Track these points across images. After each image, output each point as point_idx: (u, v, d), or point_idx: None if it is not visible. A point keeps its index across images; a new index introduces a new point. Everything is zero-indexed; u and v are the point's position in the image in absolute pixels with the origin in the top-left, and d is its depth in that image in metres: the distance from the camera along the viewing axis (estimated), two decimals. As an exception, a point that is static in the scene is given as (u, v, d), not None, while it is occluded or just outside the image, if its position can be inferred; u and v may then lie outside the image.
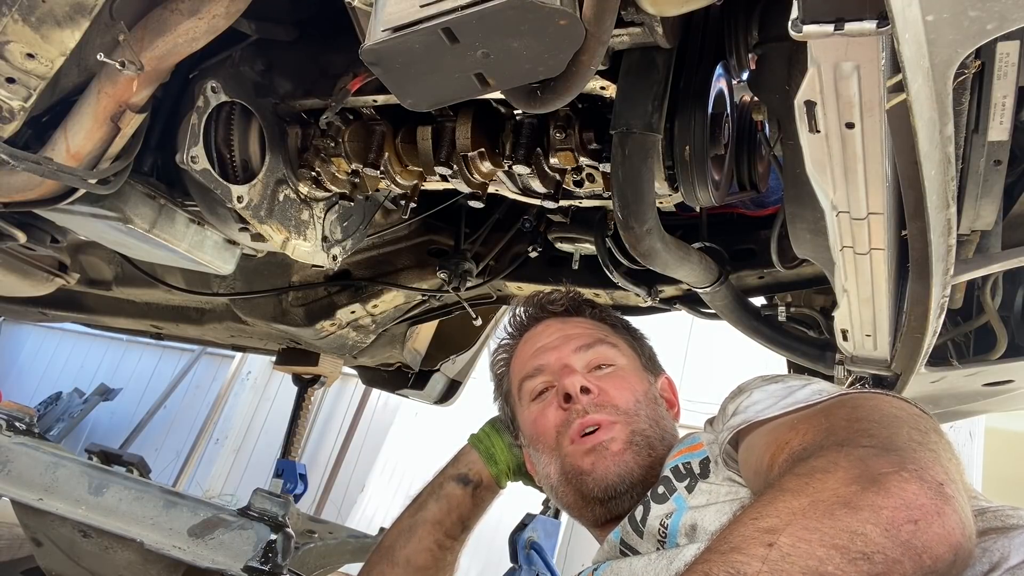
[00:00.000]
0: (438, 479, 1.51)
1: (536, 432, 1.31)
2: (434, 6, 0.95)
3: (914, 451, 0.74)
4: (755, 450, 0.96)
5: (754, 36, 1.25)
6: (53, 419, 8.43)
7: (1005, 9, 0.67)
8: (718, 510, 1.01)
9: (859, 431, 0.80)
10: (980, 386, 1.83)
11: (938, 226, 1.02)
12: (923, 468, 0.71)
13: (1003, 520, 0.82)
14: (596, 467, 1.20)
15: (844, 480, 0.70)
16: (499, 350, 1.52)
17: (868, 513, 0.66)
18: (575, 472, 1.22)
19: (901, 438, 0.77)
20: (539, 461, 1.32)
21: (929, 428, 0.82)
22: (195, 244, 1.88)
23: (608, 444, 1.21)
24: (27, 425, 2.52)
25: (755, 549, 0.66)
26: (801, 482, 0.72)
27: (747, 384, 1.14)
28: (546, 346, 1.37)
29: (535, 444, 1.32)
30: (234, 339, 3.08)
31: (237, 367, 8.76)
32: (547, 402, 1.31)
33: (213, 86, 1.48)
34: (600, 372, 1.32)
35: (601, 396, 1.26)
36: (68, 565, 2.21)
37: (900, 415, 0.84)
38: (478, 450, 1.50)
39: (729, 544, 0.68)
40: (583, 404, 1.24)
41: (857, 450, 0.75)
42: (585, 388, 1.26)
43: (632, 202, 1.27)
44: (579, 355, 1.33)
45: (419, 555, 1.44)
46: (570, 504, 1.27)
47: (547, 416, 1.29)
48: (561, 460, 1.25)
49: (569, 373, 1.28)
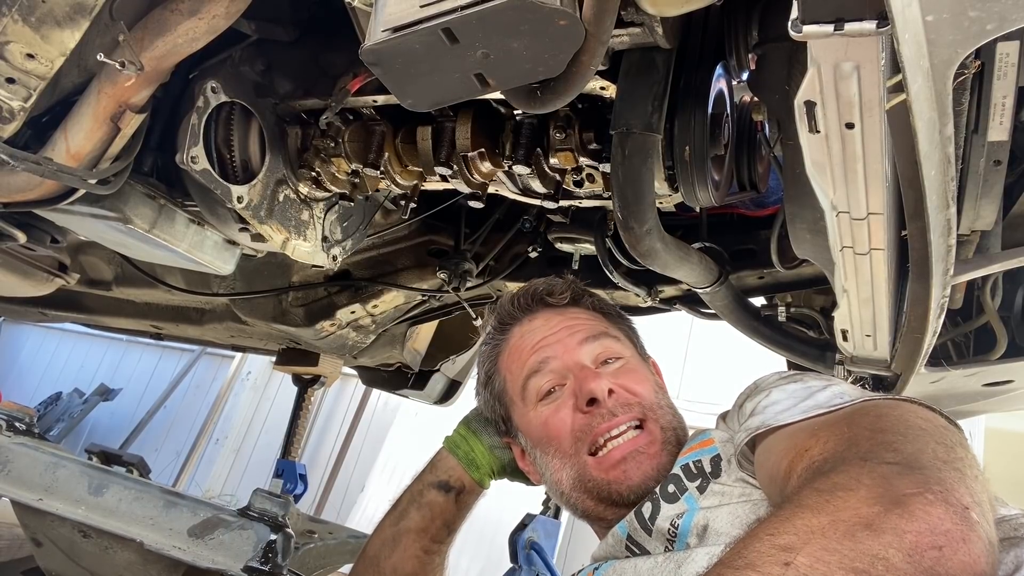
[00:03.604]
0: (416, 486, 1.44)
1: (547, 435, 1.23)
2: (434, 6, 0.95)
3: (939, 470, 0.72)
4: (772, 455, 0.94)
5: (754, 36, 1.25)
6: (53, 419, 8.42)
7: (1005, 9, 0.67)
8: (731, 511, 0.99)
9: (883, 444, 0.77)
10: (980, 386, 1.83)
11: (938, 226, 1.02)
12: (949, 490, 0.68)
13: (1016, 530, 0.80)
14: (630, 475, 1.14)
15: (866, 500, 0.68)
16: (487, 342, 1.40)
17: (891, 537, 0.64)
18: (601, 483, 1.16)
19: (926, 455, 0.74)
20: (547, 466, 1.24)
21: (954, 442, 0.79)
22: (195, 244, 1.87)
23: (644, 448, 1.16)
24: (27, 425, 2.52)
25: (771, 568, 0.64)
26: (821, 499, 0.70)
27: (764, 381, 1.11)
28: (548, 338, 1.28)
29: (543, 447, 1.24)
30: (234, 339, 3.08)
31: (237, 367, 8.75)
32: (560, 403, 1.22)
33: (213, 86, 1.48)
34: (612, 366, 1.25)
35: (624, 394, 1.20)
36: (68, 565, 2.21)
37: (926, 427, 0.81)
38: (456, 455, 1.42)
39: (744, 559, 0.66)
40: (609, 407, 1.18)
41: (881, 467, 0.72)
42: (610, 390, 1.19)
43: (632, 202, 1.27)
44: (586, 348, 1.26)
45: (406, 563, 1.40)
46: (587, 508, 1.21)
47: (561, 419, 1.21)
48: (579, 470, 1.18)
49: (592, 375, 1.21)
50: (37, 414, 5.78)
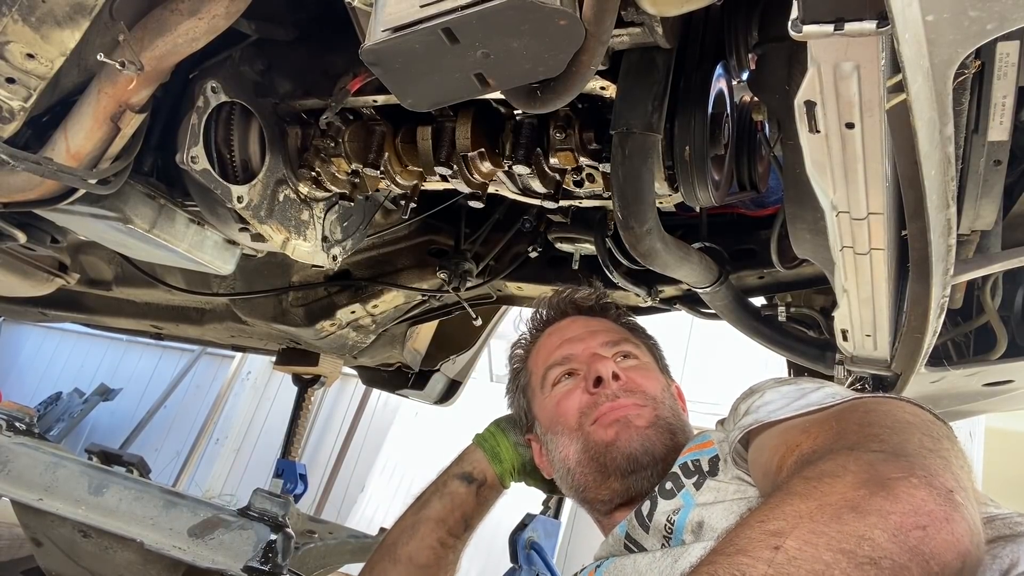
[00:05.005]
0: (442, 477, 1.51)
1: (557, 414, 1.32)
2: (434, 6, 0.95)
3: (924, 457, 0.74)
4: (765, 451, 0.96)
5: (754, 36, 1.25)
6: (53, 419, 8.42)
7: (1005, 9, 0.67)
8: (725, 508, 1.01)
9: (870, 436, 0.80)
10: (980, 386, 1.83)
11: (938, 226, 1.02)
12: (933, 474, 0.70)
13: (1012, 527, 0.82)
14: (620, 436, 1.22)
15: (852, 484, 0.70)
16: (518, 344, 1.54)
17: (876, 518, 0.66)
18: (599, 445, 1.24)
19: (912, 444, 0.77)
20: (556, 445, 1.33)
21: (941, 435, 0.81)
22: (195, 244, 1.87)
23: (633, 419, 1.24)
24: (27, 425, 2.52)
25: (761, 552, 0.65)
26: (809, 485, 0.72)
27: (760, 385, 1.14)
28: (573, 338, 1.39)
29: (553, 427, 1.33)
30: (234, 339, 3.08)
31: (237, 367, 8.75)
32: (573, 385, 1.33)
33: (213, 86, 1.48)
34: (627, 361, 1.35)
35: (630, 383, 1.29)
36: (68, 565, 2.21)
37: (912, 421, 0.84)
38: (483, 448, 1.50)
39: (735, 546, 0.68)
40: (612, 389, 1.27)
41: (867, 455, 0.74)
42: (615, 375, 1.29)
43: (632, 202, 1.27)
44: (606, 348, 1.36)
45: (421, 553, 1.43)
46: (587, 485, 1.27)
47: (571, 398, 1.31)
48: (584, 438, 1.26)
49: (601, 360, 1.31)
50: (37, 414, 5.77)
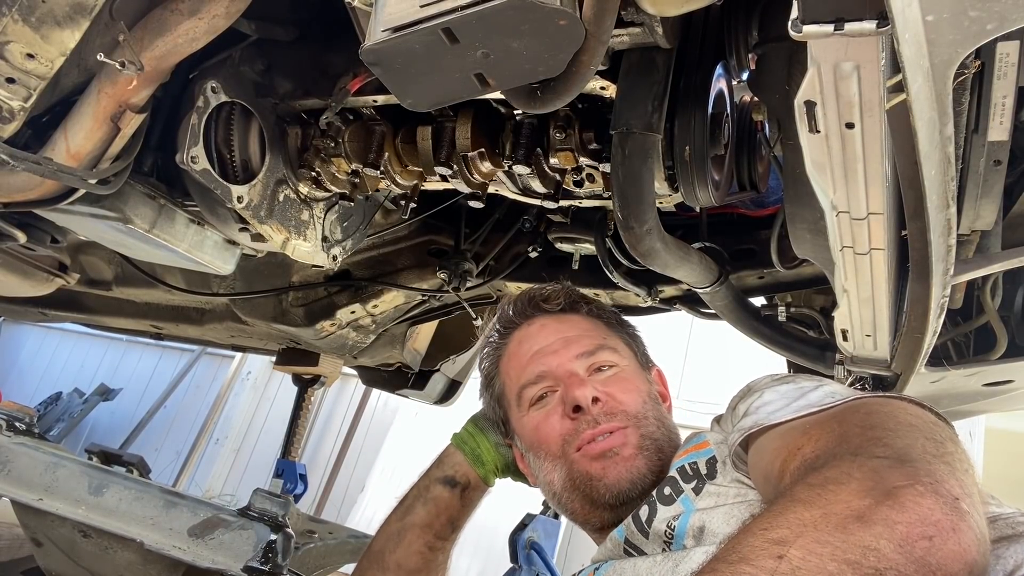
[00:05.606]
0: (423, 482, 1.48)
1: (538, 440, 1.27)
2: (434, 6, 0.95)
3: (929, 463, 0.73)
4: (766, 454, 0.95)
5: (754, 36, 1.25)
6: (53, 419, 8.42)
7: (1005, 9, 0.67)
8: (726, 512, 0.99)
9: (873, 439, 0.78)
10: (980, 386, 1.83)
11: (938, 226, 1.02)
12: (938, 481, 0.69)
13: (1014, 527, 0.81)
14: (607, 473, 1.17)
15: (857, 492, 0.69)
16: (487, 346, 1.45)
17: (882, 528, 0.65)
18: (584, 478, 1.19)
19: (916, 449, 0.76)
20: (539, 467, 1.28)
21: (945, 437, 0.80)
22: (195, 244, 1.87)
23: (619, 450, 1.18)
24: (27, 425, 2.52)
25: (764, 561, 0.64)
26: (813, 493, 0.71)
27: (757, 383, 1.13)
28: (545, 350, 1.31)
29: (535, 451, 1.29)
30: (234, 339, 3.08)
31: (237, 367, 8.75)
32: (550, 409, 1.26)
33: (213, 86, 1.48)
34: (604, 374, 1.28)
35: (610, 403, 1.23)
36: (68, 565, 2.22)
37: (915, 423, 0.82)
38: (463, 451, 1.46)
39: (738, 554, 0.66)
40: (593, 415, 1.21)
41: (871, 461, 0.73)
42: (595, 398, 1.22)
43: (632, 202, 1.27)
44: (582, 361, 1.29)
45: (409, 559, 1.42)
46: (575, 510, 1.24)
47: (551, 424, 1.25)
48: (568, 467, 1.21)
49: (578, 383, 1.24)
50: (37, 414, 5.77)
